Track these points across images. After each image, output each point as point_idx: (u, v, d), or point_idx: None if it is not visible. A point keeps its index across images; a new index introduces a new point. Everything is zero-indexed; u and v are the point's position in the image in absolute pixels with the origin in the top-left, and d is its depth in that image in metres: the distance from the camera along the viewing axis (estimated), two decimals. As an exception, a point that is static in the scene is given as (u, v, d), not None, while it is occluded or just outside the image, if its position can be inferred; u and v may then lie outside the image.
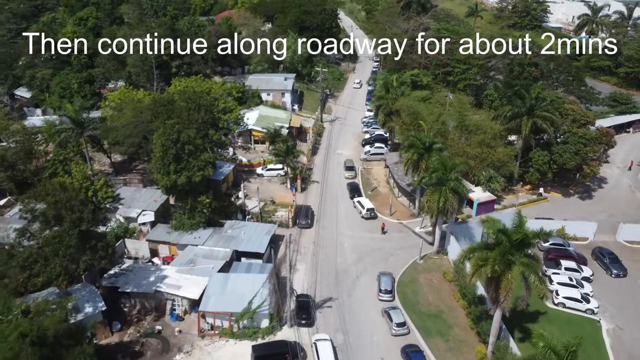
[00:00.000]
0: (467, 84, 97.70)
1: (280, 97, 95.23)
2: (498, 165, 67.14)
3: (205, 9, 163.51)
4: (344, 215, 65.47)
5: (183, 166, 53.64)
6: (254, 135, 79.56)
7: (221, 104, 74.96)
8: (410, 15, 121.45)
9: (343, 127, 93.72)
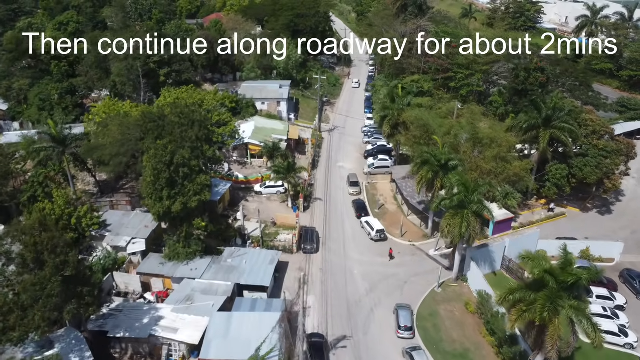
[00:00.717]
0: (470, 90, 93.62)
1: (275, 106, 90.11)
2: (514, 180, 62.98)
3: (191, 12, 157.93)
4: (352, 237, 60.68)
5: (177, 191, 48.39)
6: (251, 150, 74.32)
7: (215, 117, 69.64)
8: (407, 17, 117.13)
9: (342, 137, 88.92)
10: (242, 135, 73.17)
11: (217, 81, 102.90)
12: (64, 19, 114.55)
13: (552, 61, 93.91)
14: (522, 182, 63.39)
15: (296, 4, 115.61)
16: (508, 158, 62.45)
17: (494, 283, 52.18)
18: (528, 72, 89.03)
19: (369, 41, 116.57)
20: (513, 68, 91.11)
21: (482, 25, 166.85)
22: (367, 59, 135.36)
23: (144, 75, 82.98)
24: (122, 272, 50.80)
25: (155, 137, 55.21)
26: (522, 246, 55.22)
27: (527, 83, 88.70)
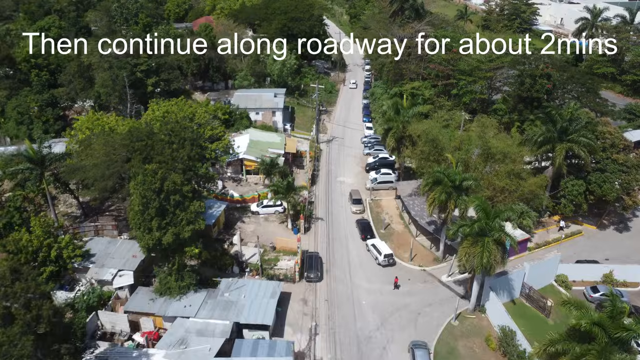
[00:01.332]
0: (473, 97, 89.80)
1: (270, 116, 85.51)
2: (528, 197, 59.09)
3: (180, 15, 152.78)
4: (357, 262, 56.33)
5: (169, 221, 43.67)
6: (246, 165, 69.64)
7: (207, 131, 64.90)
8: (404, 21, 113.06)
9: (341, 148, 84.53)
10: (236, 151, 68.44)
11: (208, 89, 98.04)
12: (45, 23, 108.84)
13: (558, 67, 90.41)
14: (537, 200, 59.54)
15: (289, 7, 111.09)
16: (522, 174, 58.57)
17: (514, 312, 48.30)
18: (534, 78, 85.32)
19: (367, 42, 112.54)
20: (518, 75, 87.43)
21: (477, 27, 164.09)
22: (363, 64, 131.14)
23: (131, 85, 77.88)
24: (107, 311, 45.89)
25: (144, 158, 50.50)
26: (543, 272, 51.61)
27: (533, 90, 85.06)
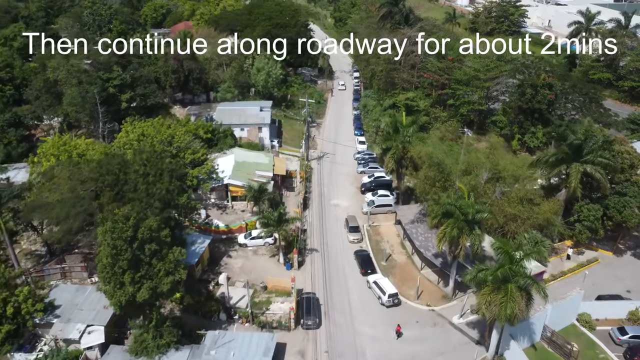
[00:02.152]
0: (471, 108, 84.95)
1: (256, 132, 79.38)
2: (543, 224, 54.19)
3: (157, 20, 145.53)
4: (359, 303, 50.66)
5: (143, 273, 37.48)
6: (231, 191, 63.45)
7: (188, 156, 58.63)
8: (393, 26, 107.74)
9: (333, 166, 78.79)
10: (220, 176, 62.18)
11: (189, 103, 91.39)
12: (9, 32, 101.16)
13: (558, 75, 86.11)
14: (552, 227, 54.67)
15: (274, 13, 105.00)
16: (535, 200, 53.60)
17: (536, 359, 43.23)
18: (535, 89, 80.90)
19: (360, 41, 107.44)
20: (518, 84, 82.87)
21: (465, 30, 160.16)
22: (350, 70, 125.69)
23: (103, 102, 71.15)
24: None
25: (115, 194, 44.16)
26: (564, 312, 46.67)
27: (535, 101, 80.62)
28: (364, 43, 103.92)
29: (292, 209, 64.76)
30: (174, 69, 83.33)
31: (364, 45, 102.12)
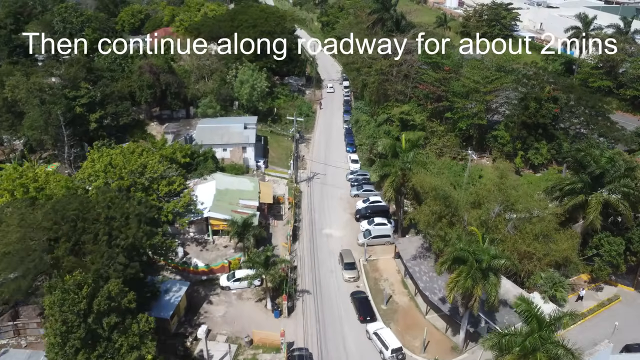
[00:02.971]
0: (471, 123, 79.43)
1: (240, 152, 72.95)
2: (560, 262, 48.72)
3: (135, 26, 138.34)
4: (357, 356, 44.62)
5: (102, 351, 30.99)
6: (212, 225, 56.94)
7: (163, 188, 52.03)
8: (385, 33, 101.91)
9: (324, 188, 72.64)
10: (200, 208, 55.66)
11: (167, 119, 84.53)
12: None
13: (563, 87, 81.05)
14: (571, 265, 49.17)
15: (258, 20, 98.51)
16: (552, 235, 48.02)
17: None
18: (539, 102, 75.73)
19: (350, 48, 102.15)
20: (521, 98, 77.52)
21: (456, 34, 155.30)
22: (340, 78, 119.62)
23: (69, 123, 64.31)
24: None
25: (72, 246, 37.57)
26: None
27: (539, 115, 75.43)
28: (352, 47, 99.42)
29: (281, 242, 58.60)
30: (149, 83, 76.43)
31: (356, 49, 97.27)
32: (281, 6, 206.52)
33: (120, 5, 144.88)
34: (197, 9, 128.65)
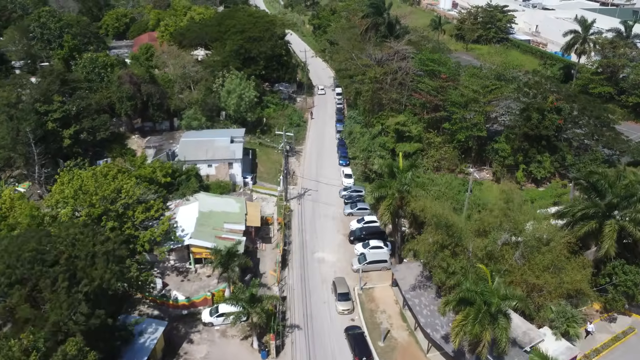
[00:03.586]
0: (470, 134, 75.45)
1: (226, 168, 68.55)
2: (572, 294, 44.80)
3: (119, 31, 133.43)
4: (353, 404, 40.50)
5: None
6: (194, 253, 52.50)
7: (139, 215, 47.53)
8: (379, 39, 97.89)
9: (316, 206, 68.37)
10: (180, 234, 51.19)
11: (149, 131, 79.88)
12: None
13: (566, 96, 77.36)
14: (584, 298, 45.29)
15: (246, 25, 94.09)
16: (565, 265, 44.09)
17: None
18: (542, 113, 71.93)
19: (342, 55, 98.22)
20: (523, 108, 73.67)
21: (450, 37, 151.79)
22: (332, 84, 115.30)
23: (41, 139, 59.70)
24: None
25: (27, 295, 33.03)
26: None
27: (541, 127, 71.63)
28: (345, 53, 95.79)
29: (269, 270, 54.28)
30: (129, 94, 71.80)
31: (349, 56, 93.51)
32: (272, 9, 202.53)
33: (104, 8, 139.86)
34: (183, 13, 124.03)
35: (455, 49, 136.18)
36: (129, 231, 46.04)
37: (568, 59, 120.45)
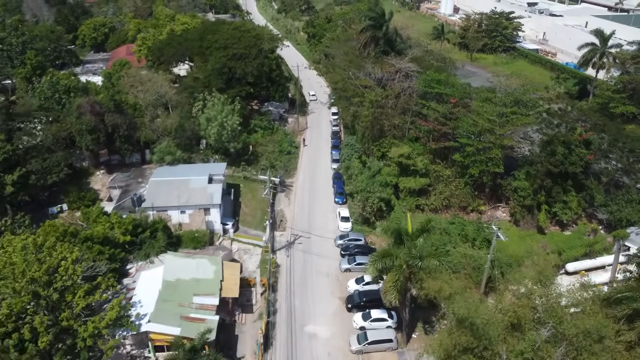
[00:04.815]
0: (484, 169, 65.78)
1: (202, 215, 58.58)
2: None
3: (97, 41, 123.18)
4: None
5: None
6: (153, 340, 42.47)
7: (79, 301, 37.50)
8: (378, 55, 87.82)
9: (308, 258, 58.42)
10: (134, 322, 41.17)
11: (117, 165, 69.63)
12: None
13: (594, 125, 67.70)
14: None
15: (230, 41, 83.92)
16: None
17: None
18: (568, 147, 62.26)
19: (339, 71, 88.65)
20: (547, 141, 63.98)
21: (453, 46, 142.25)
22: (327, 101, 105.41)
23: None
24: None
25: None
26: None
27: (568, 163, 62.01)
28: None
29: (248, 356, 44.37)
30: (89, 126, 61.69)
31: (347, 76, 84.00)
32: (265, 14, 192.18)
33: (81, 17, 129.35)
34: (167, 22, 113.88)
35: (459, 58, 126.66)
36: (65, 323, 36.05)
37: (581, 72, 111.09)
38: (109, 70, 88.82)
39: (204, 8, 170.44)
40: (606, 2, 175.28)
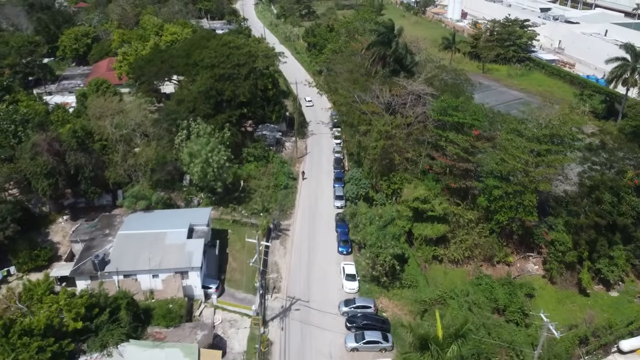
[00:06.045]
0: (513, 217, 55.79)
1: (178, 281, 48.45)
2: None
3: (79, 53, 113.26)
4: None
5: None
6: None
7: None
8: (386, 75, 76.84)
9: (307, 331, 48.30)
10: None
11: (84, 210, 59.62)
12: None
13: (639, 163, 57.59)
14: None
15: (217, 59, 73.65)
16: None
17: None
18: (617, 194, 52.22)
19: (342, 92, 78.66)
20: (590, 186, 53.94)
21: (464, 56, 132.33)
22: (329, 121, 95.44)
23: None
24: None
25: None
26: None
27: (616, 212, 51.97)
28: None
29: None
30: (46, 169, 51.59)
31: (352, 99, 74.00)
32: (264, 19, 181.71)
33: (63, 26, 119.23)
34: (154, 32, 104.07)
35: (470, 69, 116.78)
36: None
37: (605, 86, 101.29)
38: (85, 90, 79.13)
39: (199, 14, 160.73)
40: (622, 7, 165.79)
